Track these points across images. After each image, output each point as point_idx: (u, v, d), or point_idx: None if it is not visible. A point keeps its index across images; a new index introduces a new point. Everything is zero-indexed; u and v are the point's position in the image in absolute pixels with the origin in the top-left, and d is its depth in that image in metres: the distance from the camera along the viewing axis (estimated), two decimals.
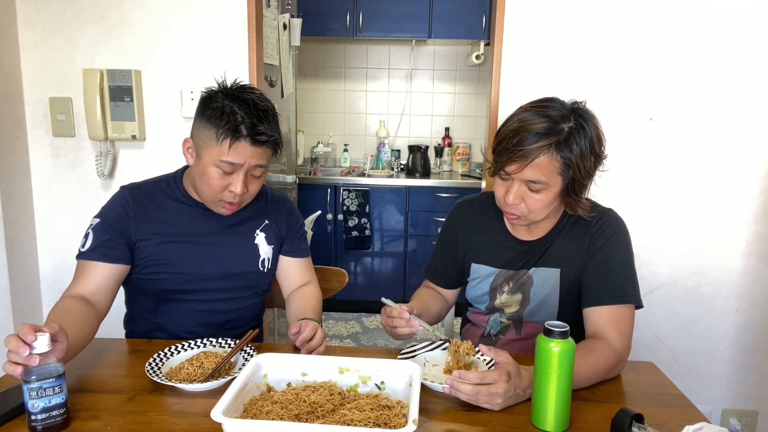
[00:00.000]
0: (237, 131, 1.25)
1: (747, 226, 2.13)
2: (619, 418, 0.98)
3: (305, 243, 1.59)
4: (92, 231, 1.35)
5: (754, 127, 2.06)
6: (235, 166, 1.28)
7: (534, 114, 1.19)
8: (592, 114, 1.24)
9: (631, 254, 1.33)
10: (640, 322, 2.18)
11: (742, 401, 2.25)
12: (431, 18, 3.76)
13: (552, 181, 1.20)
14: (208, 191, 1.33)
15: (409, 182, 3.78)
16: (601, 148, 1.23)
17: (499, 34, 2.04)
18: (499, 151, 1.23)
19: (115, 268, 1.34)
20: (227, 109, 1.26)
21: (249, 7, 2.03)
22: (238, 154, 1.26)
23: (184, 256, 1.39)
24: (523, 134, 1.18)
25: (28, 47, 2.08)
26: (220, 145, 1.26)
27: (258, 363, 1.11)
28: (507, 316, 1.41)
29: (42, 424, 0.97)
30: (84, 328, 1.20)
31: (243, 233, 1.46)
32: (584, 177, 1.21)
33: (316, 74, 4.28)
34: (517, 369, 1.07)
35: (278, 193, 1.59)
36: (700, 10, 2.00)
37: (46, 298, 2.21)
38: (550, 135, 1.17)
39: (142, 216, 1.37)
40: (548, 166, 1.18)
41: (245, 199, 1.36)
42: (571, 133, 1.18)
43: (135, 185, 1.43)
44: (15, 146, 2.07)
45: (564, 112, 1.20)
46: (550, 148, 1.17)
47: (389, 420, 0.97)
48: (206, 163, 1.30)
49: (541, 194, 1.22)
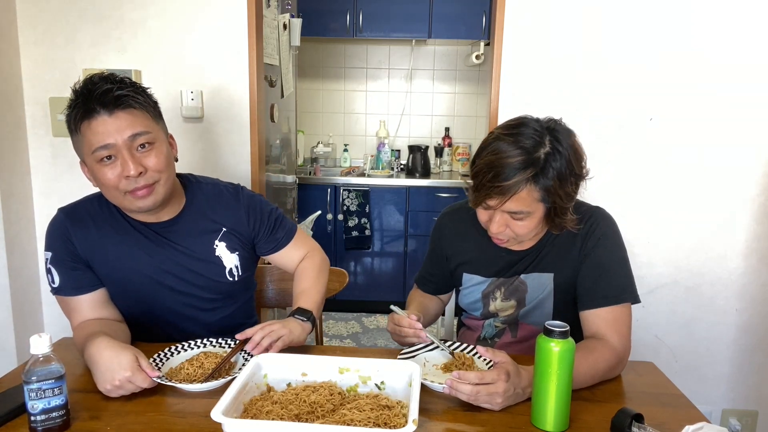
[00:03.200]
0: (87, 111, 1.15)
1: (747, 226, 2.13)
2: (619, 418, 0.98)
3: (283, 227, 1.46)
4: (52, 267, 1.28)
5: (753, 127, 2.06)
6: (109, 148, 1.16)
7: (508, 144, 1.15)
8: (567, 131, 1.20)
9: (624, 250, 1.30)
10: (641, 322, 2.20)
11: (742, 401, 2.25)
12: (431, 18, 3.76)
13: (534, 208, 1.18)
14: (111, 191, 1.21)
15: (409, 182, 3.78)
16: (580, 166, 1.19)
17: (499, 34, 2.04)
18: (477, 186, 1.20)
19: (94, 296, 1.30)
20: (73, 102, 1.17)
21: (249, 7, 2.03)
22: (101, 134, 1.15)
23: (139, 275, 1.31)
24: (498, 169, 1.14)
25: (28, 47, 2.08)
26: (83, 137, 1.16)
27: (258, 363, 1.11)
28: (502, 320, 1.40)
29: (42, 425, 0.96)
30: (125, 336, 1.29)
31: (200, 247, 1.35)
32: (566, 200, 1.18)
33: (316, 74, 4.28)
34: (516, 368, 1.07)
35: (230, 189, 1.43)
36: (700, 10, 2.00)
37: (46, 298, 2.21)
38: (526, 168, 1.13)
39: (83, 238, 1.29)
40: (528, 198, 1.16)
41: (154, 177, 1.21)
42: (548, 161, 1.14)
43: (71, 206, 1.33)
44: (15, 146, 2.07)
45: (537, 138, 1.15)
46: (528, 182, 1.14)
47: (389, 420, 0.97)
48: (92, 166, 1.20)
49: (525, 221, 1.20)
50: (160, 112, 1.28)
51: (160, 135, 1.24)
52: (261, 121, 2.15)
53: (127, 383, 1.06)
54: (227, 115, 2.11)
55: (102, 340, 1.13)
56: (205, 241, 1.36)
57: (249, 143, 2.13)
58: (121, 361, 1.07)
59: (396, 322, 1.28)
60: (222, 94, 2.10)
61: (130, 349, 1.12)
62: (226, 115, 2.11)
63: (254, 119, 2.11)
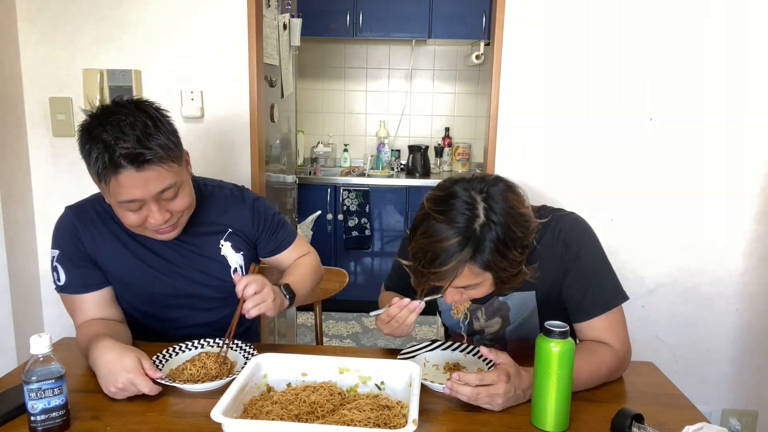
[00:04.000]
0: (114, 165, 1.10)
1: (747, 226, 2.13)
2: (619, 418, 0.98)
3: (284, 230, 1.49)
4: (59, 265, 1.29)
5: (754, 126, 2.06)
6: (137, 202, 1.15)
7: (440, 224, 1.08)
8: (503, 190, 1.12)
9: (602, 251, 1.26)
10: (641, 321, 2.20)
11: (742, 401, 2.25)
12: (431, 18, 3.76)
13: (482, 278, 1.12)
14: (132, 229, 1.23)
15: (409, 182, 3.78)
16: (523, 227, 1.11)
17: (499, 34, 2.04)
18: (415, 271, 1.14)
19: (101, 294, 1.31)
20: (94, 144, 1.11)
21: (249, 7, 2.03)
22: (130, 188, 1.12)
23: (147, 276, 1.33)
24: (433, 254, 1.08)
25: (28, 47, 2.07)
26: (108, 188, 1.14)
27: (258, 363, 1.11)
28: (489, 337, 1.37)
29: (42, 425, 0.96)
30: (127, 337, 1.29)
31: (207, 247, 1.38)
32: (512, 267, 1.11)
33: (316, 74, 4.28)
34: (516, 370, 1.07)
35: (235, 191, 1.46)
36: (700, 10, 2.00)
37: (46, 298, 2.21)
38: (461, 250, 1.06)
39: (92, 237, 1.30)
40: (471, 274, 1.10)
41: (177, 216, 1.24)
42: (483, 235, 1.06)
43: (78, 205, 1.34)
44: (15, 146, 2.07)
45: (469, 212, 1.08)
46: (466, 262, 1.08)
47: (389, 420, 0.97)
48: (112, 203, 1.19)
49: (478, 288, 1.15)
50: (180, 143, 1.22)
51: (184, 177, 1.22)
52: (261, 121, 2.15)
53: (131, 386, 1.07)
54: (227, 115, 2.11)
55: (106, 342, 1.13)
56: (211, 241, 1.38)
57: (249, 143, 2.13)
58: (124, 363, 1.08)
59: (384, 320, 1.22)
60: (222, 94, 2.10)
61: (133, 350, 1.12)
62: (226, 115, 2.11)
63: (254, 119, 2.11)
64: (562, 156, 2.10)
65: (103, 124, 1.12)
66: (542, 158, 2.11)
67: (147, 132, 1.12)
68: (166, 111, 1.21)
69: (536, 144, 2.09)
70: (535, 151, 2.10)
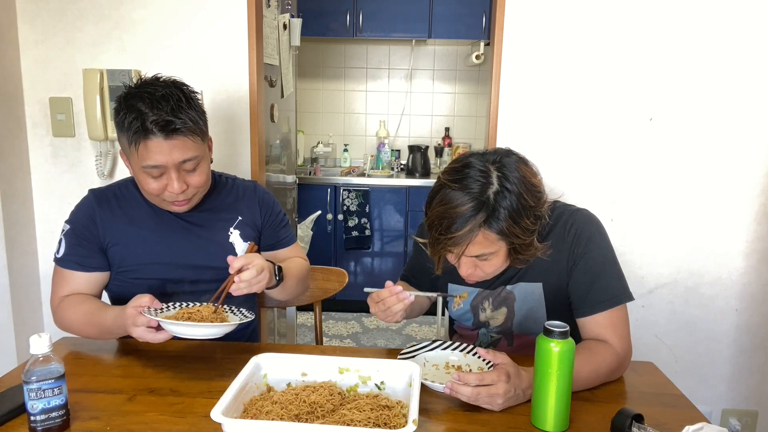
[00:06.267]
0: (145, 131, 1.20)
1: (747, 226, 2.13)
2: (619, 418, 0.98)
3: (287, 230, 1.55)
4: (64, 238, 1.36)
5: (754, 126, 2.06)
6: (160, 168, 1.24)
7: (456, 191, 1.12)
8: (515, 162, 1.16)
9: (611, 251, 1.28)
10: (641, 321, 2.20)
11: (742, 401, 2.25)
12: (431, 18, 3.76)
13: (497, 247, 1.15)
14: (149, 196, 1.32)
15: (409, 182, 3.78)
16: (535, 197, 1.15)
17: (499, 34, 2.04)
18: (432, 240, 1.17)
19: (91, 276, 1.36)
20: (129, 111, 1.22)
21: (249, 7, 2.03)
22: (156, 153, 1.22)
23: (154, 261, 1.38)
24: (449, 220, 1.12)
25: (28, 47, 2.07)
26: (137, 151, 1.23)
27: (258, 363, 1.11)
28: (495, 330, 1.38)
29: (41, 425, 0.96)
30: None
31: (216, 233, 1.44)
32: (525, 235, 1.14)
33: (316, 74, 4.28)
34: (516, 370, 1.07)
35: (248, 184, 1.55)
36: (700, 9, 2.00)
37: (46, 298, 2.20)
38: (476, 214, 1.10)
39: (108, 221, 1.37)
40: (485, 241, 1.13)
41: (193, 192, 1.32)
42: (497, 201, 1.10)
43: (101, 189, 1.42)
44: (15, 146, 2.07)
45: (483, 179, 1.12)
46: (480, 227, 1.11)
47: (389, 420, 0.97)
48: (135, 170, 1.28)
49: (491, 260, 1.18)
50: (206, 124, 1.33)
51: (205, 152, 1.32)
52: (261, 121, 2.15)
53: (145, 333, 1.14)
54: (227, 115, 2.11)
55: (110, 310, 1.27)
56: (221, 228, 1.45)
57: (249, 143, 2.13)
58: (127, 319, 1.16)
59: (375, 300, 1.25)
60: (222, 94, 2.10)
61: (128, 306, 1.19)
62: (226, 115, 2.11)
63: (254, 119, 2.11)
64: (561, 156, 2.10)
65: (140, 94, 1.22)
66: (542, 158, 2.09)
67: (180, 105, 1.23)
68: (198, 93, 1.31)
69: (536, 144, 2.10)
70: (534, 151, 2.09)
